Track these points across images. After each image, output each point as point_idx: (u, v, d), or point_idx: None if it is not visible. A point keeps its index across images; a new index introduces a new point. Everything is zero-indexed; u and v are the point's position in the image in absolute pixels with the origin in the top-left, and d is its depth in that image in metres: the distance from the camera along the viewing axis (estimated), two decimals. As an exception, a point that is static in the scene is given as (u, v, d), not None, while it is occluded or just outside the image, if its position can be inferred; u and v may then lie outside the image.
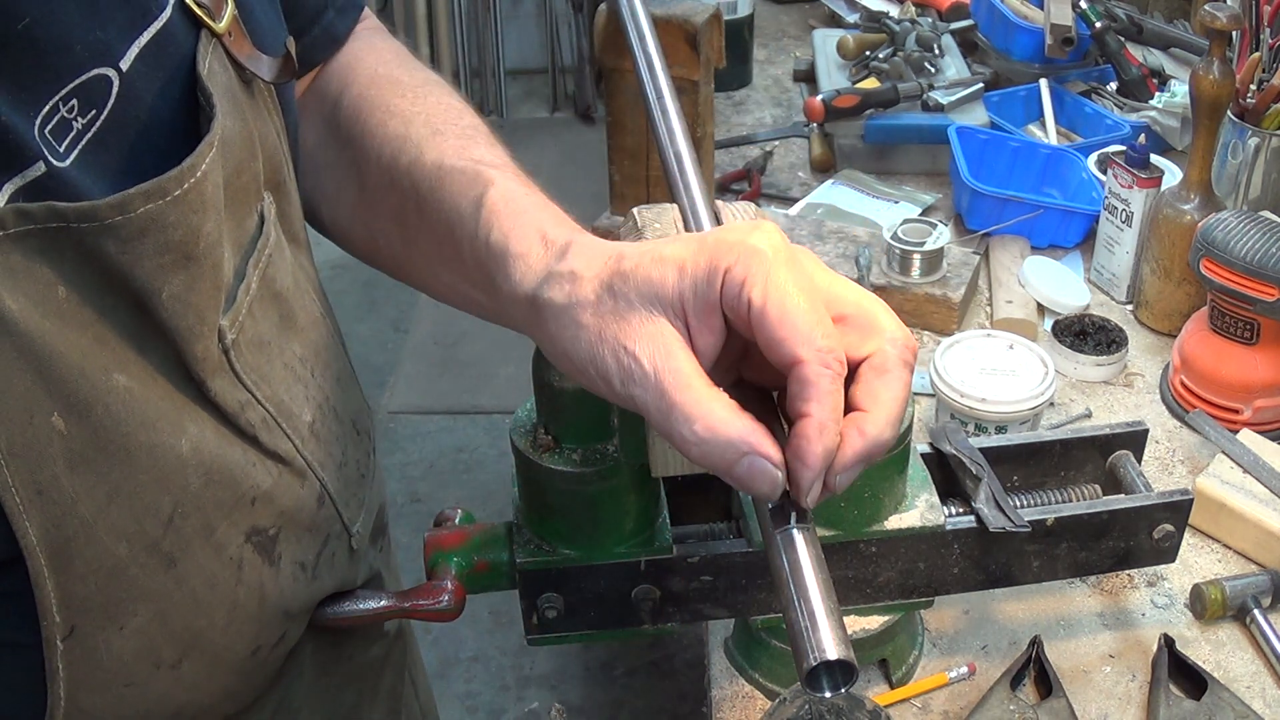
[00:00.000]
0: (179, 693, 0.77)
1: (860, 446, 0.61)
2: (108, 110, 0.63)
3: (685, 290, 0.62)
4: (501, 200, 0.75)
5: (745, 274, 0.61)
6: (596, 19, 1.56)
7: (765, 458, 0.59)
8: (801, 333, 0.60)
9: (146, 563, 0.70)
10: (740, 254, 0.62)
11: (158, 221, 0.63)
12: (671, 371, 0.61)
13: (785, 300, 0.60)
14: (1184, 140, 1.80)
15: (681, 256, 0.63)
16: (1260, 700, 1.02)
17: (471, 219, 0.75)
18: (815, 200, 1.78)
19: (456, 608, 0.88)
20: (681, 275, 0.62)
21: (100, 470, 0.66)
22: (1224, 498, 1.16)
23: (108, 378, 0.65)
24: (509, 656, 2.53)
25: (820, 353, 0.60)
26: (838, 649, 0.56)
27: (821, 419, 0.59)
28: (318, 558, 0.85)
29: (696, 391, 0.61)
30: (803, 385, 0.60)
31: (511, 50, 4.69)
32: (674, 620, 0.94)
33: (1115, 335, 1.43)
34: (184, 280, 0.66)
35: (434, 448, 3.10)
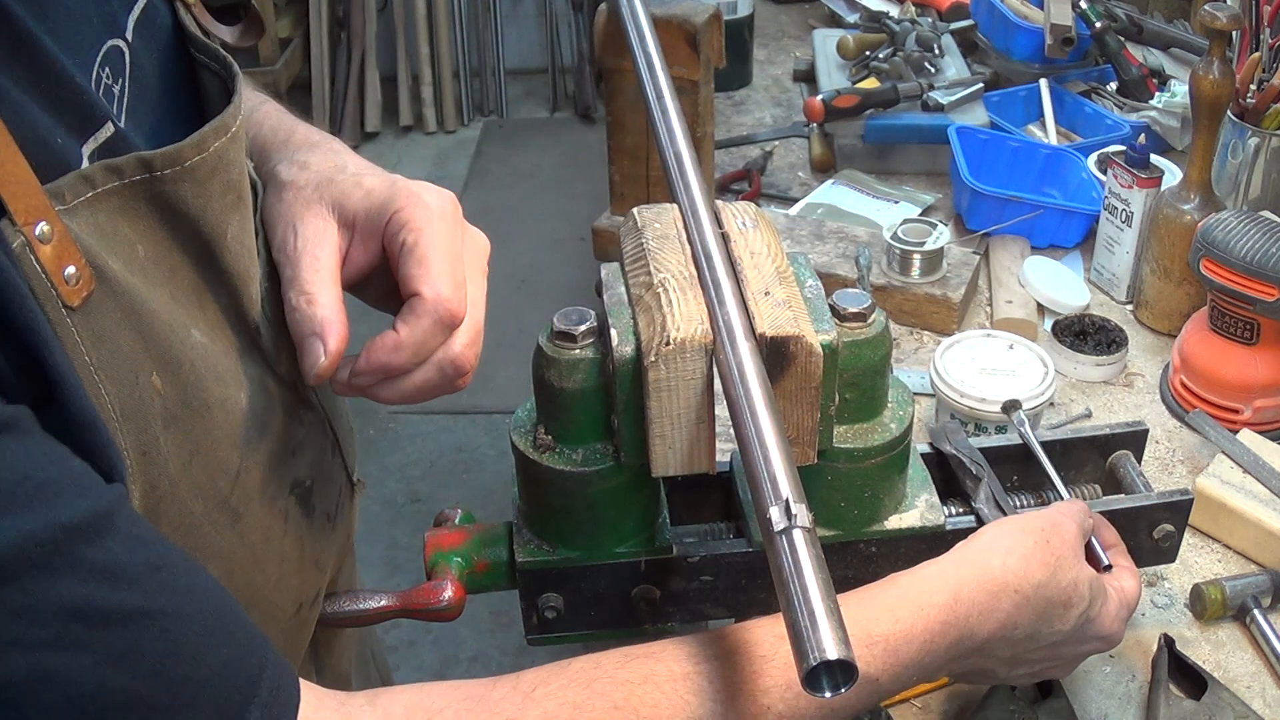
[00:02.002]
0: None
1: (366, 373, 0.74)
2: (128, 77, 0.67)
3: (360, 211, 0.76)
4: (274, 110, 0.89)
5: (409, 219, 0.74)
6: (596, 19, 1.56)
7: (324, 344, 0.71)
8: (431, 276, 0.73)
9: (218, 519, 0.72)
10: (412, 203, 0.75)
11: (223, 159, 0.68)
12: (312, 256, 0.74)
13: (430, 250, 0.73)
14: (1184, 140, 1.80)
15: (372, 187, 0.77)
16: (1260, 700, 1.02)
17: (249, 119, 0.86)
18: (815, 200, 1.78)
19: (456, 608, 0.88)
20: (363, 199, 0.76)
21: (185, 428, 0.67)
22: (1224, 498, 1.16)
23: (188, 334, 0.67)
24: (509, 656, 2.53)
25: (437, 297, 0.72)
26: (838, 649, 0.56)
27: (400, 340, 0.73)
28: (336, 507, 0.89)
29: (321, 276, 0.73)
30: (408, 311, 0.73)
31: (511, 50, 4.69)
32: (674, 620, 0.94)
33: (1115, 335, 1.43)
34: (240, 220, 0.71)
35: (434, 448, 3.10)
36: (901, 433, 0.88)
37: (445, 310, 0.73)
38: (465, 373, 0.76)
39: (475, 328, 0.76)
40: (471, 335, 0.76)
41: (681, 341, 0.75)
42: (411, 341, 0.73)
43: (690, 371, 0.76)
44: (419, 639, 2.53)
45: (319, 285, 0.73)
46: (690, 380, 0.77)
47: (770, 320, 0.77)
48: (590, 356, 0.81)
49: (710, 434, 0.79)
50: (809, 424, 0.81)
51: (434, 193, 0.77)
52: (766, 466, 0.64)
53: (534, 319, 3.37)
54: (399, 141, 4.56)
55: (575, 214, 3.90)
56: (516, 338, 3.43)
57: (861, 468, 0.88)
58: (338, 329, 0.72)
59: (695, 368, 0.76)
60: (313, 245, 0.75)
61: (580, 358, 0.81)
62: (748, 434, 0.67)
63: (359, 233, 0.77)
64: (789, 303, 0.78)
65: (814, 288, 0.84)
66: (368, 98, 4.50)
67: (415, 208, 0.75)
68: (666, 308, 0.77)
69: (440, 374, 0.76)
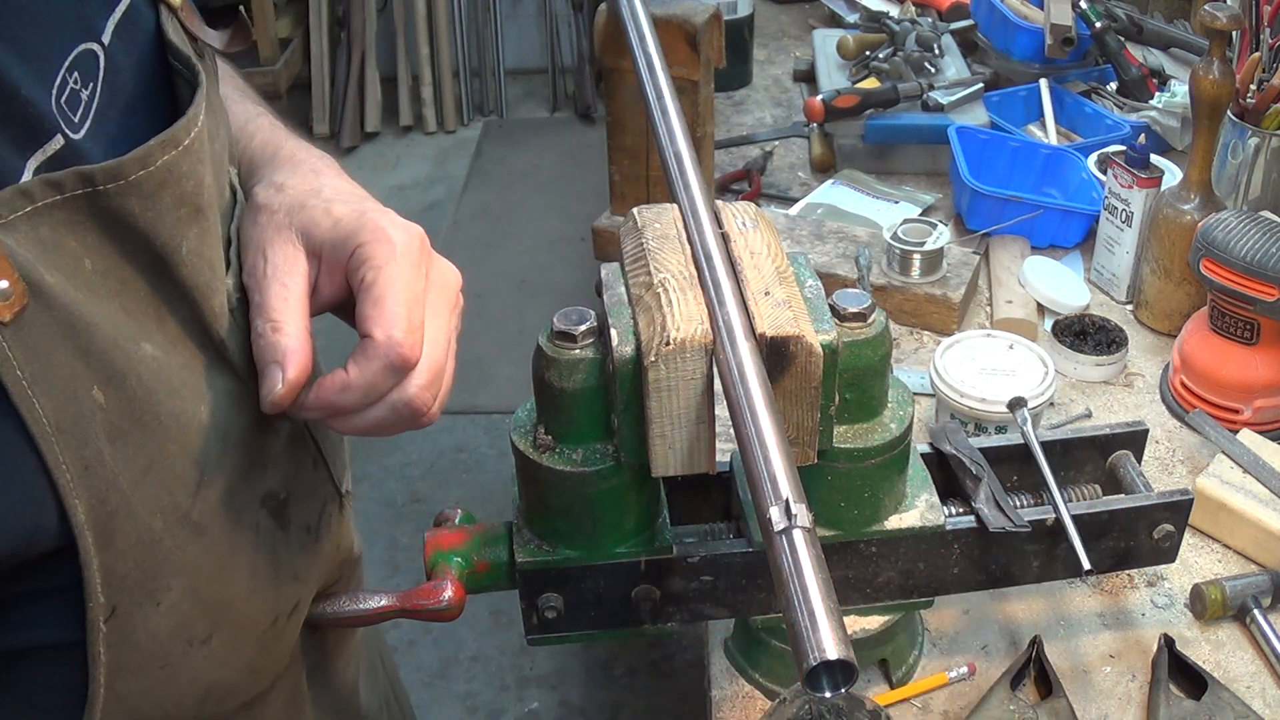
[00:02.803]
0: (208, 671, 0.78)
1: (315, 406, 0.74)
2: (100, 83, 0.66)
3: (326, 241, 0.75)
4: (268, 125, 0.89)
5: (370, 255, 0.73)
6: (596, 19, 1.56)
7: (283, 372, 0.71)
8: (384, 318, 0.72)
9: (179, 534, 0.72)
10: (375, 238, 0.74)
11: (174, 173, 0.67)
12: (280, 283, 0.74)
13: (387, 290, 0.72)
14: (1184, 140, 1.80)
15: (340, 216, 0.76)
16: (1260, 700, 1.02)
17: (242, 132, 0.88)
18: (815, 200, 1.78)
19: (456, 608, 0.88)
20: (330, 229, 0.75)
21: (136, 442, 0.67)
22: (1224, 498, 1.16)
23: (137, 347, 0.67)
24: (509, 656, 2.53)
25: (389, 340, 0.71)
26: (838, 649, 0.56)
27: (350, 381, 0.72)
28: (319, 520, 0.88)
29: (289, 305, 0.73)
30: (359, 352, 0.72)
31: (511, 50, 4.69)
32: (674, 620, 0.94)
33: (1115, 335, 1.43)
34: (198, 233, 0.70)
35: (434, 448, 3.10)
36: (901, 433, 0.88)
37: (396, 354, 0.72)
38: (422, 413, 0.75)
39: (434, 369, 0.75)
40: (429, 376, 0.75)
41: (681, 341, 0.75)
42: (361, 383, 0.73)
43: (690, 371, 0.76)
44: (419, 639, 2.53)
45: (285, 313, 0.73)
46: (690, 380, 0.77)
47: (770, 320, 0.77)
48: (590, 356, 0.81)
49: (710, 434, 0.79)
50: (809, 424, 0.81)
51: (400, 228, 0.76)
52: (766, 466, 0.64)
53: (534, 319, 3.38)
54: (399, 141, 4.56)
55: (575, 214, 3.90)
56: (516, 338, 3.43)
57: (861, 468, 0.88)
58: (298, 359, 0.72)
59: (695, 368, 0.76)
60: (282, 272, 0.74)
61: (580, 358, 0.81)
62: (748, 434, 0.67)
63: (325, 263, 0.76)
64: (789, 303, 0.78)
65: (814, 288, 0.84)
66: (368, 98, 4.50)
67: (378, 244, 0.74)
68: (666, 308, 0.77)
69: (395, 414, 0.75)
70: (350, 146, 4.44)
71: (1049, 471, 0.99)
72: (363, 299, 0.73)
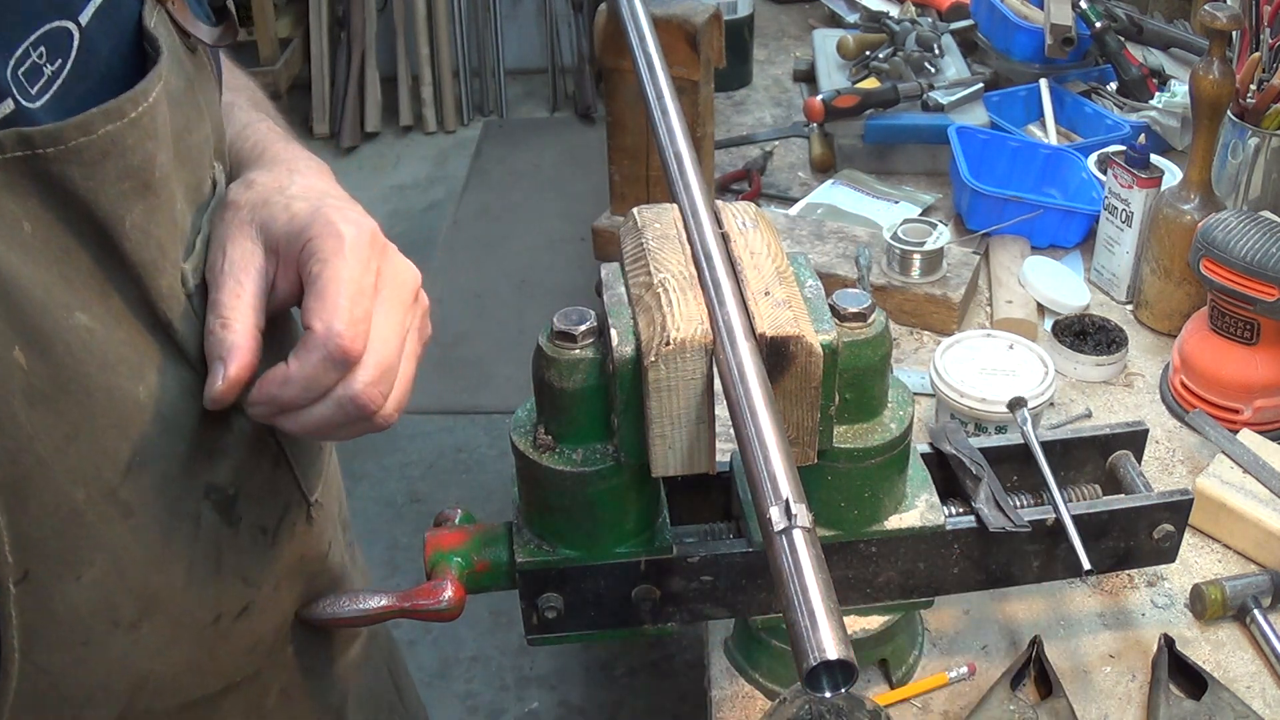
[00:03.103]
0: (140, 659, 0.78)
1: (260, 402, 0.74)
2: (71, 60, 0.67)
3: (282, 236, 0.75)
4: (266, 129, 0.90)
5: (318, 248, 0.73)
6: (596, 19, 1.56)
7: (223, 369, 0.72)
8: (327, 311, 0.71)
9: (104, 510, 0.72)
10: (325, 231, 0.74)
11: (118, 144, 0.67)
12: (235, 280, 0.74)
13: (330, 282, 0.72)
14: (1184, 140, 1.80)
15: (296, 211, 0.76)
16: (1260, 700, 1.02)
17: (240, 135, 0.89)
18: (815, 200, 1.78)
19: (456, 608, 0.88)
20: (286, 223, 0.75)
21: (59, 409, 0.67)
22: (1224, 498, 1.16)
23: (69, 315, 0.67)
24: (509, 656, 2.53)
25: (328, 332, 0.71)
26: (838, 649, 0.56)
27: (289, 374, 0.72)
28: (279, 523, 0.87)
29: (240, 301, 0.74)
30: (300, 345, 0.72)
31: (511, 50, 4.69)
32: (674, 620, 0.94)
33: (1115, 335, 1.43)
34: (144, 210, 0.70)
35: (434, 448, 3.10)
36: (901, 433, 0.88)
37: (335, 346, 0.71)
38: (370, 412, 0.74)
39: (381, 365, 0.74)
40: (376, 373, 0.73)
41: (681, 341, 0.75)
42: (300, 376, 0.72)
43: (690, 371, 0.76)
44: (419, 639, 2.53)
45: (235, 310, 0.73)
46: (690, 380, 0.77)
47: (770, 320, 0.77)
48: (590, 356, 0.81)
49: (710, 434, 0.79)
50: (809, 424, 0.81)
51: (352, 221, 0.75)
52: (766, 466, 0.64)
53: (534, 319, 3.38)
54: (399, 141, 4.56)
55: (575, 214, 3.90)
56: (516, 338, 3.43)
57: (861, 468, 0.88)
58: (242, 355, 0.72)
59: (695, 368, 0.76)
60: (238, 269, 0.75)
61: (580, 358, 0.81)
62: (748, 434, 0.67)
63: (281, 258, 0.76)
64: (789, 303, 0.79)
65: (814, 288, 0.84)
66: (368, 98, 4.50)
67: (326, 237, 0.74)
68: (666, 308, 0.77)
69: (340, 410, 0.74)
70: (350, 146, 4.44)
71: (1049, 471, 0.99)
72: (308, 292, 0.73)
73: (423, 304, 0.81)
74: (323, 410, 0.74)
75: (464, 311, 3.56)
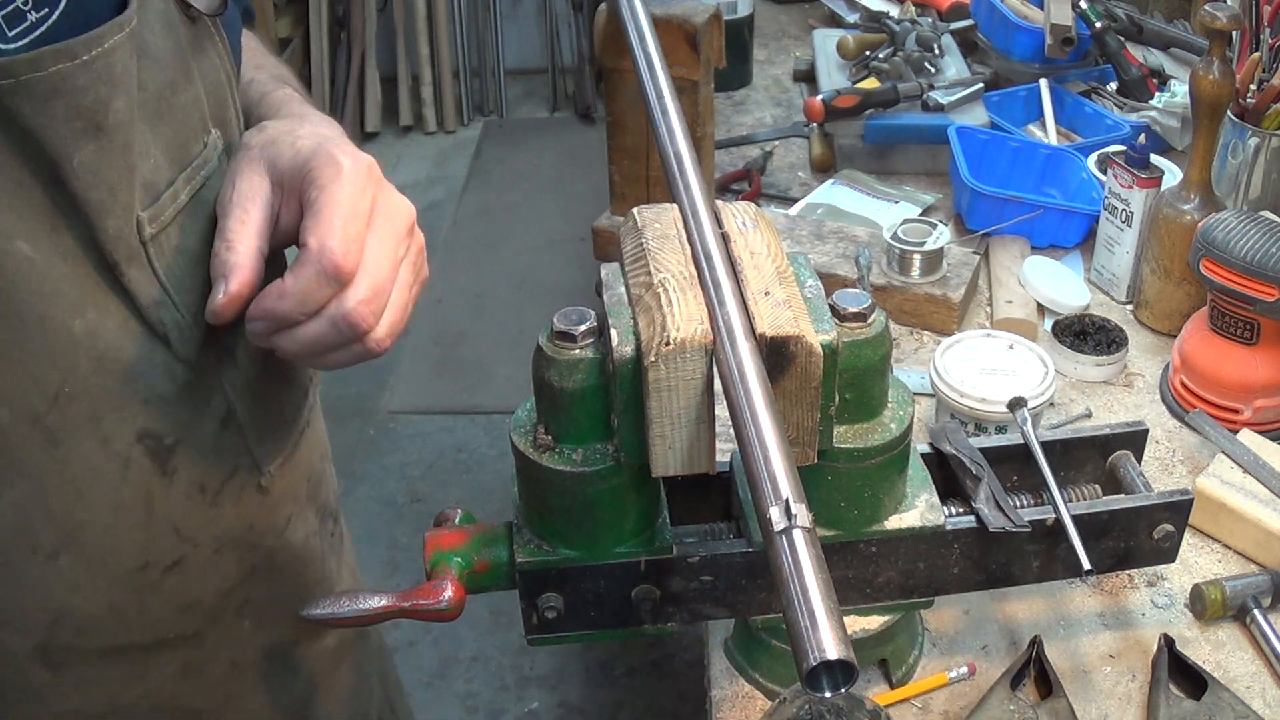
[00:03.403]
0: (59, 590, 0.79)
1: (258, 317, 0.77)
2: (60, 10, 0.69)
3: (287, 169, 0.79)
4: (285, 95, 0.95)
5: (318, 176, 0.77)
6: (596, 19, 1.56)
7: (224, 285, 0.76)
8: (321, 229, 0.75)
9: (28, 435, 0.74)
10: (325, 162, 0.78)
11: (69, 83, 0.69)
12: (242, 209, 0.78)
13: (327, 205, 0.75)
14: (1184, 140, 1.80)
15: (300, 147, 0.80)
16: (1260, 700, 1.02)
17: (262, 101, 0.95)
18: (815, 200, 1.78)
19: (456, 608, 0.88)
20: (291, 158, 0.79)
21: None
22: (1224, 498, 1.16)
23: (9, 243, 0.70)
24: (509, 656, 2.53)
25: (321, 247, 0.74)
26: (838, 649, 0.56)
27: (285, 288, 0.75)
28: (222, 485, 0.88)
29: (245, 227, 0.77)
30: (296, 261, 0.75)
31: (511, 50, 4.69)
32: (674, 620, 0.94)
33: (1115, 335, 1.43)
34: (94, 151, 0.72)
35: (434, 448, 3.10)
36: (901, 433, 0.88)
37: (329, 260, 0.74)
38: (363, 330, 0.77)
39: (374, 286, 0.77)
40: (369, 293, 0.76)
41: (681, 341, 0.75)
42: (295, 290, 0.75)
43: (690, 371, 0.76)
44: (419, 639, 2.53)
45: (240, 235, 0.77)
46: (690, 380, 0.77)
47: (770, 320, 0.77)
48: (590, 356, 0.81)
49: (710, 434, 0.79)
50: (809, 424, 0.81)
51: (350, 154, 0.79)
52: (766, 466, 0.64)
53: (534, 319, 3.38)
54: (399, 141, 4.56)
55: (575, 214, 3.90)
56: (516, 338, 3.43)
57: (861, 468, 0.88)
58: (242, 274, 0.76)
59: (695, 368, 0.76)
60: (244, 198, 0.79)
61: (580, 358, 0.81)
62: (748, 434, 0.67)
63: (286, 191, 0.80)
64: (789, 303, 0.78)
65: (814, 288, 0.84)
66: (368, 98, 4.50)
67: (326, 166, 0.78)
68: (666, 308, 0.77)
69: (334, 328, 0.76)
70: (350, 146, 4.43)
71: (1049, 471, 0.99)
72: (306, 214, 0.77)
73: (418, 239, 0.84)
74: (317, 327, 0.77)
75: (464, 311, 3.56)
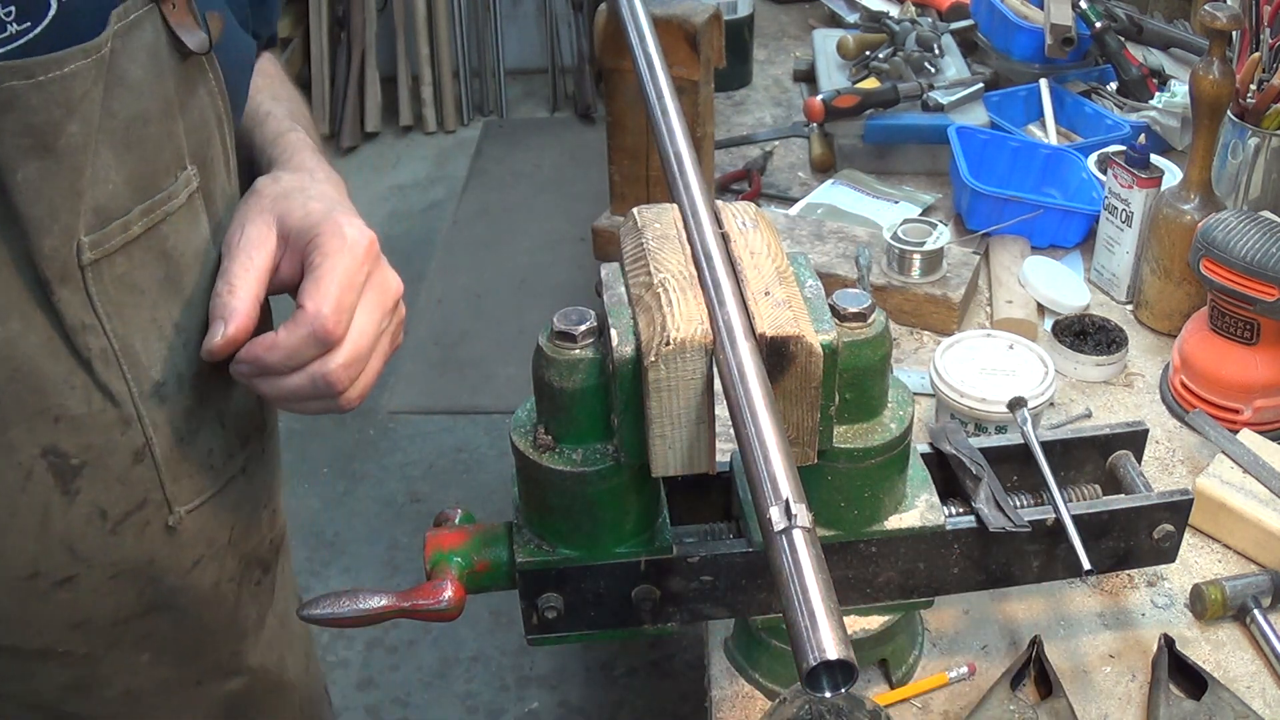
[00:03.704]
0: None
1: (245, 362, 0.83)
2: (44, 25, 0.70)
3: (295, 228, 0.85)
4: (296, 140, 0.99)
5: (323, 243, 0.83)
6: (596, 19, 1.56)
7: (224, 327, 0.81)
8: (319, 295, 0.81)
9: None
10: (331, 230, 0.84)
11: (21, 101, 0.71)
12: (247, 254, 0.83)
13: (327, 273, 0.81)
14: (1184, 140, 1.80)
15: (311, 210, 0.85)
16: (1260, 700, 1.02)
17: (275, 143, 0.99)
18: (815, 200, 1.78)
19: (456, 608, 0.88)
20: (301, 218, 0.85)
21: None
22: (1224, 498, 1.16)
23: None
24: (509, 656, 2.53)
25: (317, 312, 0.80)
26: (838, 649, 0.56)
27: (276, 341, 0.81)
28: (125, 515, 0.88)
29: (248, 273, 0.83)
30: (291, 319, 0.81)
31: (511, 50, 4.69)
32: (674, 620, 0.94)
33: (1115, 335, 1.43)
34: (39, 169, 0.74)
35: (434, 448, 3.10)
36: (901, 433, 0.88)
37: (320, 325, 0.80)
38: (338, 391, 0.83)
39: (356, 353, 0.83)
40: (350, 358, 0.82)
41: (681, 341, 0.75)
42: (286, 346, 0.81)
43: (690, 371, 0.76)
44: (419, 639, 2.53)
45: (242, 279, 0.83)
46: (690, 380, 0.77)
47: (770, 320, 0.77)
48: (590, 356, 0.81)
49: (710, 434, 0.79)
50: (809, 424, 0.81)
51: (356, 228, 0.85)
52: (766, 466, 0.64)
53: (534, 319, 3.38)
54: (399, 141, 4.56)
55: (575, 214, 3.90)
56: (516, 338, 3.43)
57: (861, 468, 0.88)
58: (240, 319, 0.82)
59: (695, 368, 0.76)
60: (251, 245, 0.84)
61: (580, 358, 0.81)
62: (748, 434, 0.67)
63: (290, 246, 0.85)
64: (789, 303, 0.78)
65: (814, 288, 0.84)
66: (368, 98, 4.50)
67: (332, 235, 0.83)
68: (666, 308, 0.77)
69: (313, 385, 0.82)
70: (350, 146, 4.43)
71: (1049, 471, 0.99)
72: (306, 277, 0.82)
73: (400, 314, 0.90)
74: (298, 380, 0.82)
75: (464, 311, 3.56)
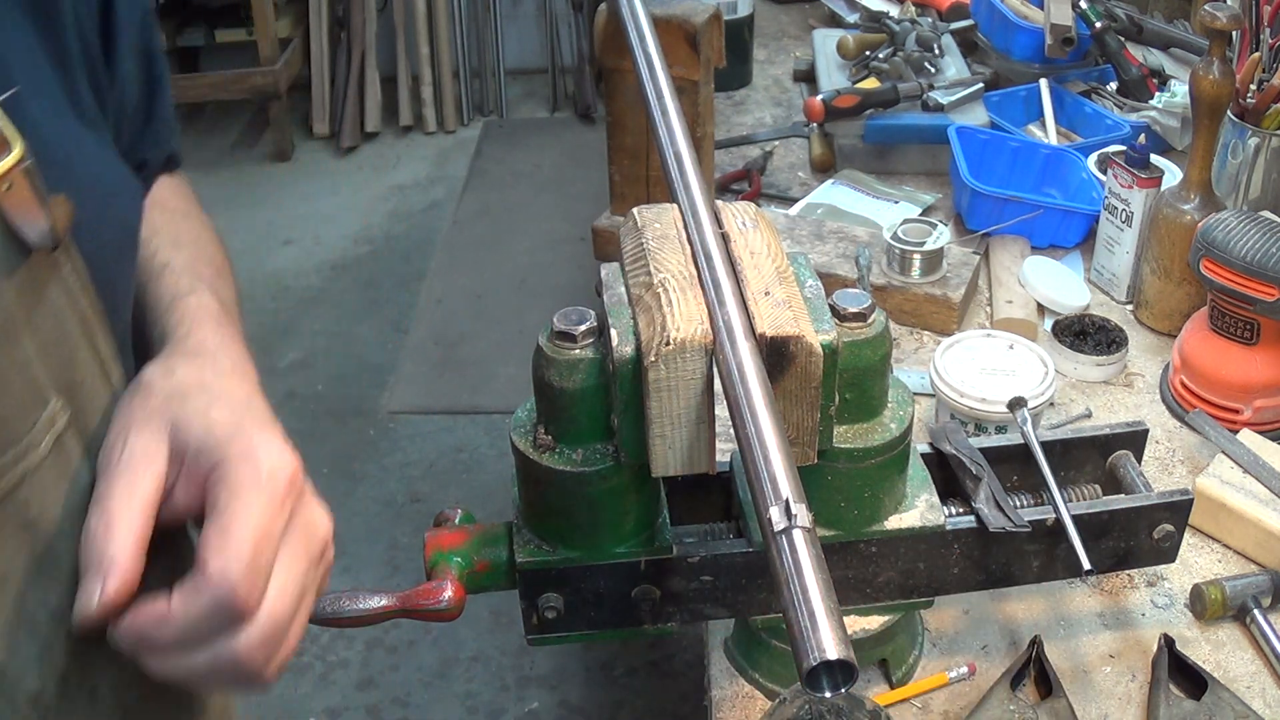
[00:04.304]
0: None
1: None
2: None
3: (193, 445, 0.67)
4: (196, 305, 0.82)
5: (230, 474, 0.65)
6: (596, 19, 1.56)
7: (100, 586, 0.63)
8: (227, 551, 0.63)
9: None
10: (242, 459, 0.66)
11: None
12: (130, 479, 0.66)
13: (235, 521, 0.64)
14: (1184, 140, 1.80)
15: (215, 421, 0.68)
16: (1260, 700, 1.02)
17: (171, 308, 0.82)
18: (815, 200, 1.78)
19: (456, 608, 0.88)
20: (201, 433, 0.67)
21: None
22: (1224, 498, 1.16)
23: None
24: (509, 656, 2.53)
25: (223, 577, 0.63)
26: (838, 649, 0.56)
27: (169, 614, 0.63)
28: None
29: (130, 505, 0.65)
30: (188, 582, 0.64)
31: (511, 50, 4.69)
32: (674, 620, 0.94)
33: (1115, 335, 1.43)
34: None
35: (434, 448, 3.10)
36: (901, 433, 0.88)
37: (227, 595, 0.62)
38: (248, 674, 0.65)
39: (274, 624, 0.65)
40: (266, 632, 0.65)
41: (681, 341, 0.75)
42: (181, 619, 0.63)
43: (690, 371, 0.76)
44: (419, 639, 2.53)
45: (123, 513, 0.65)
46: (690, 380, 0.77)
47: (770, 320, 0.77)
48: (590, 356, 0.81)
49: (710, 434, 0.79)
50: (809, 424, 0.81)
51: (275, 455, 0.67)
52: (766, 466, 0.64)
53: (534, 319, 3.38)
54: (399, 141, 4.56)
55: (575, 214, 3.90)
56: (516, 338, 3.43)
57: (861, 468, 0.88)
58: (122, 574, 0.63)
59: (695, 368, 0.76)
60: (136, 464, 0.66)
61: (580, 358, 0.81)
62: (748, 434, 0.67)
63: (186, 468, 0.68)
64: (789, 303, 0.78)
65: (814, 288, 0.84)
66: (368, 98, 4.50)
67: (243, 464, 0.66)
68: (666, 308, 0.77)
69: (216, 670, 0.65)
70: (350, 146, 4.44)
71: (1049, 471, 0.99)
72: (210, 521, 0.65)
73: (328, 560, 0.72)
74: (198, 660, 0.65)
75: (464, 311, 3.56)
